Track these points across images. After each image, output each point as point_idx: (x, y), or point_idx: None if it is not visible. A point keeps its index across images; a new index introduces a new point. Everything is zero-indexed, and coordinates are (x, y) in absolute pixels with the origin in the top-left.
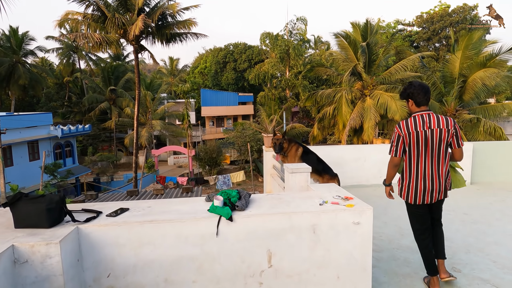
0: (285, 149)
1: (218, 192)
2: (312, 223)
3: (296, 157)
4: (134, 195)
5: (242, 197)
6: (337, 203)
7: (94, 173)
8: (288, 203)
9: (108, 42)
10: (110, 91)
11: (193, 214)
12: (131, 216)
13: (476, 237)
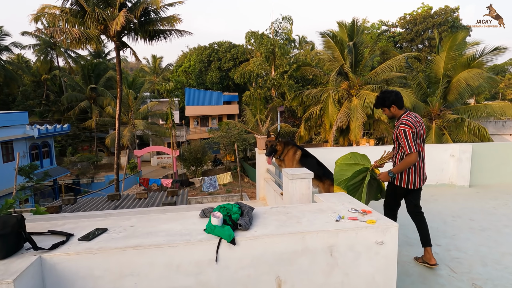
0: (280, 152)
1: (215, 207)
2: (329, 244)
3: (294, 161)
4: (116, 199)
5: (244, 213)
6: (356, 218)
7: (73, 174)
8: (298, 219)
9: (88, 38)
10: (90, 90)
11: (187, 236)
12: (110, 239)
13: (488, 247)
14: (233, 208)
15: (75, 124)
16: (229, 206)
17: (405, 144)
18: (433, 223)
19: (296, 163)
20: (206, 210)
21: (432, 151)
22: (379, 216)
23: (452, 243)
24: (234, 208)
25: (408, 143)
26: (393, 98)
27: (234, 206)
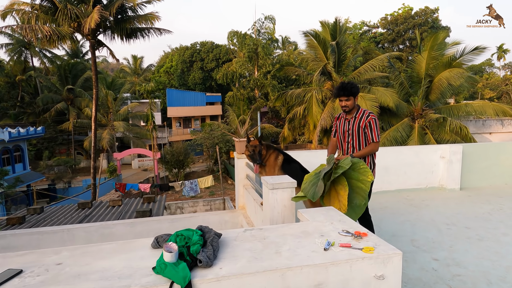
0: (263, 157)
1: (172, 235)
2: (316, 282)
3: (276, 167)
4: (87, 208)
5: (207, 242)
6: (349, 245)
7: (49, 179)
8: (277, 246)
9: (60, 36)
10: (67, 91)
11: (127, 280)
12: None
13: (490, 260)
14: (193, 237)
15: (52, 126)
16: (189, 233)
17: (374, 133)
18: (428, 233)
19: (278, 170)
20: (160, 239)
21: (421, 152)
22: (377, 240)
23: (451, 257)
24: (194, 236)
25: (377, 132)
26: (357, 89)
27: (196, 233)
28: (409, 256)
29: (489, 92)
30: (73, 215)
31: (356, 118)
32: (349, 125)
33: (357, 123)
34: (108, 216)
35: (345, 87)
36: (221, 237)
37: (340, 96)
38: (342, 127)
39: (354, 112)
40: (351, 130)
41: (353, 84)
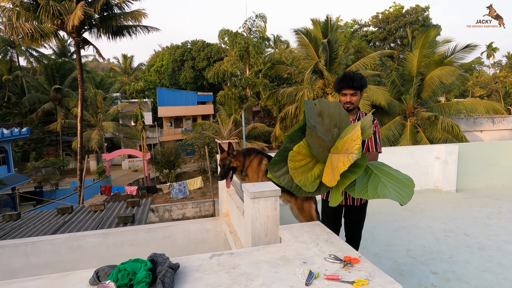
0: (240, 166)
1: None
2: None
3: (259, 173)
4: (67, 213)
5: (158, 279)
6: (337, 277)
7: (36, 181)
8: (248, 280)
9: (43, 33)
10: (54, 91)
11: None
12: None
13: (494, 273)
14: (139, 272)
15: (39, 127)
16: (136, 266)
17: (378, 142)
18: (425, 241)
19: (263, 176)
20: (102, 272)
21: (415, 152)
22: (371, 269)
23: (451, 269)
24: (141, 272)
25: (380, 141)
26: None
27: (144, 266)
28: (405, 270)
29: (479, 90)
30: (52, 221)
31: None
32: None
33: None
34: (89, 222)
35: (353, 78)
36: (180, 267)
37: (346, 88)
38: None
39: (356, 113)
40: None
41: (361, 75)
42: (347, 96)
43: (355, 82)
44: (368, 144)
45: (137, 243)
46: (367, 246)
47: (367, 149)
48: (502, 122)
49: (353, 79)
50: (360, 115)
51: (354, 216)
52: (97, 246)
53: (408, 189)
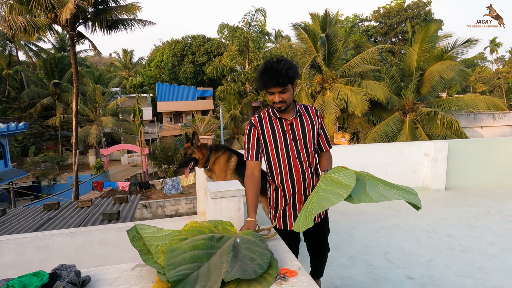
0: (203, 159)
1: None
2: None
3: (227, 170)
4: (53, 209)
5: None
6: None
7: (34, 176)
8: None
9: (35, 27)
10: (53, 85)
11: None
12: None
13: (473, 278)
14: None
15: (38, 122)
16: (30, 281)
17: (328, 138)
18: (405, 243)
19: (231, 174)
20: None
21: (404, 149)
22: (306, 283)
23: (428, 274)
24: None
25: (328, 136)
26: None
27: (39, 281)
28: (380, 274)
29: (481, 85)
30: (36, 218)
31: (302, 116)
32: (296, 128)
33: (308, 123)
34: (73, 219)
35: (278, 72)
36: (93, 281)
37: (272, 86)
38: (283, 135)
39: (294, 108)
40: (303, 135)
41: (287, 63)
42: (275, 95)
43: (281, 77)
44: (320, 142)
45: (108, 243)
46: (344, 248)
47: (320, 149)
48: (503, 118)
49: (278, 74)
50: (299, 109)
51: (316, 235)
52: (65, 246)
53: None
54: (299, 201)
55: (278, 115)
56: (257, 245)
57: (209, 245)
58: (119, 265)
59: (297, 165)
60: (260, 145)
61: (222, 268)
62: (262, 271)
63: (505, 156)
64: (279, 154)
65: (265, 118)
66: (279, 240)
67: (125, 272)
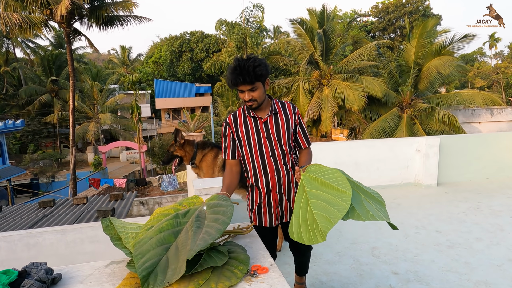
0: (186, 156)
1: None
2: None
3: (215, 167)
4: (49, 207)
5: None
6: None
7: (33, 173)
8: None
9: (31, 24)
10: (51, 82)
11: None
12: None
13: (458, 273)
14: None
15: (36, 119)
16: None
17: (307, 133)
18: (393, 239)
19: (219, 171)
20: None
21: (396, 146)
22: (276, 280)
23: (413, 269)
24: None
25: (307, 133)
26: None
27: (6, 278)
28: (365, 270)
29: (480, 81)
30: (31, 215)
31: (277, 114)
32: (270, 126)
33: (283, 121)
34: (68, 216)
35: (244, 70)
36: (64, 279)
37: (240, 84)
38: (256, 133)
39: (269, 106)
40: (278, 134)
41: (256, 61)
42: (245, 93)
43: (247, 75)
44: (298, 139)
45: (98, 240)
46: (332, 244)
47: (299, 146)
48: (501, 114)
49: (245, 72)
50: (274, 106)
51: None
52: (56, 243)
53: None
54: (274, 199)
55: (252, 114)
56: (220, 205)
57: (174, 224)
58: (93, 262)
59: (271, 164)
60: (236, 144)
61: (188, 244)
62: (225, 226)
63: (497, 151)
64: (252, 152)
65: (240, 117)
66: (255, 237)
67: (98, 269)
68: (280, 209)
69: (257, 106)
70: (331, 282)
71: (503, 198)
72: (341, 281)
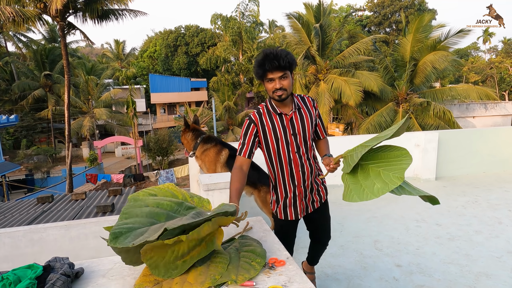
0: (190, 141)
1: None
2: None
3: (218, 163)
4: (47, 202)
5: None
6: (251, 283)
7: (28, 168)
8: None
9: (24, 17)
10: (45, 77)
11: None
12: None
13: (459, 265)
14: (22, 282)
15: (30, 114)
16: (24, 273)
17: (323, 125)
18: (395, 232)
19: (222, 167)
20: None
21: (395, 141)
22: (294, 272)
23: (415, 262)
24: (23, 282)
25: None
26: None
27: (33, 273)
28: (369, 262)
29: (474, 75)
30: (30, 211)
31: (301, 109)
32: (295, 123)
33: (307, 116)
34: (68, 212)
35: (278, 54)
36: (86, 272)
37: (272, 70)
38: (283, 130)
39: (292, 101)
40: (303, 130)
41: (285, 50)
42: (276, 81)
43: (281, 59)
44: (318, 131)
45: (102, 235)
46: (335, 237)
47: (318, 137)
48: (495, 108)
49: (278, 56)
50: (296, 101)
51: (318, 219)
52: (59, 238)
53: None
54: (299, 193)
55: (278, 110)
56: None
57: (174, 209)
58: (112, 257)
59: (296, 159)
60: (256, 143)
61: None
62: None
63: (494, 146)
64: (279, 149)
65: (264, 114)
66: (269, 231)
67: (117, 263)
68: (304, 202)
69: (286, 97)
70: (336, 274)
71: (500, 191)
72: (345, 273)
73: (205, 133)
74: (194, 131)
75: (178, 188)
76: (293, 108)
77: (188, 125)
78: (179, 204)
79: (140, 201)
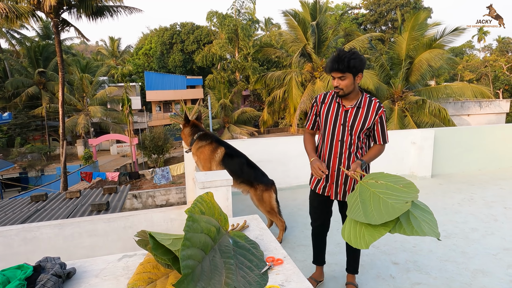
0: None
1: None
2: None
3: (213, 161)
4: (41, 201)
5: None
6: None
7: (22, 167)
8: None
9: (18, 14)
10: (38, 74)
11: None
12: None
13: (456, 263)
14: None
15: (24, 112)
16: (14, 274)
17: (386, 132)
18: None
19: (217, 165)
20: None
21: (391, 138)
22: (291, 271)
23: (412, 259)
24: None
25: (386, 131)
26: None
27: (22, 274)
28: (366, 260)
29: (469, 74)
30: (24, 209)
31: (360, 108)
32: (348, 116)
33: (362, 115)
34: (62, 210)
35: (340, 58)
36: (78, 273)
37: (333, 70)
38: (334, 117)
39: (356, 98)
40: (352, 124)
41: (354, 54)
42: (335, 80)
43: (340, 63)
44: (375, 135)
45: (97, 234)
46: (332, 235)
47: (374, 141)
48: (489, 106)
49: (339, 60)
50: (361, 101)
51: (343, 212)
52: (53, 237)
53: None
54: (331, 176)
55: (339, 100)
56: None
57: (215, 236)
58: (105, 256)
59: (337, 147)
60: (317, 119)
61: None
62: (265, 283)
63: (489, 144)
64: (326, 132)
65: (328, 98)
66: (265, 229)
67: (111, 263)
68: (334, 186)
69: (343, 95)
70: (333, 272)
71: (495, 189)
72: (343, 271)
73: (204, 130)
74: (193, 127)
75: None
76: (354, 104)
77: (188, 120)
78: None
79: (196, 223)
